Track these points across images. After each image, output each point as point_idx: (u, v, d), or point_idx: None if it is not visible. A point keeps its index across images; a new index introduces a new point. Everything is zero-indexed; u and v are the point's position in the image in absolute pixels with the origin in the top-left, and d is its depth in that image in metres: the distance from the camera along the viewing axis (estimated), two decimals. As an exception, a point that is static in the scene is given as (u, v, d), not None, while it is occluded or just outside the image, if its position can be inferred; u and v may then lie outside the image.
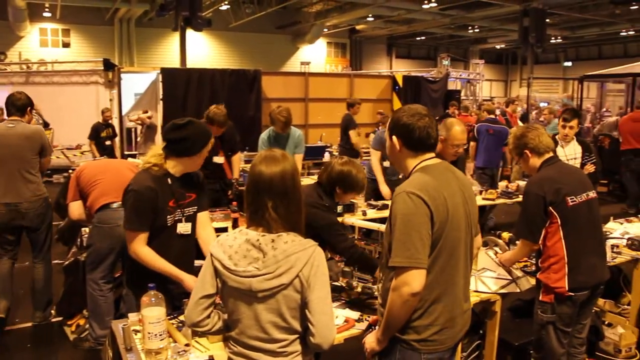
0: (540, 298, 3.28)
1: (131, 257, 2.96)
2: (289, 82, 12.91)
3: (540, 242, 3.27)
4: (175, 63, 18.91)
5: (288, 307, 2.00)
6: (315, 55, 27.93)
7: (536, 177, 3.37)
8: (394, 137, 2.39)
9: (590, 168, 4.89)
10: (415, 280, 2.15)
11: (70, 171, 6.66)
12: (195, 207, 3.11)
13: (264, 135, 5.98)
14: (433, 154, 2.40)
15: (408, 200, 2.19)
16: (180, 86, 11.19)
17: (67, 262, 4.81)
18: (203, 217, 3.19)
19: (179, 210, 3.01)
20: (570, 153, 5.47)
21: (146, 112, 11.19)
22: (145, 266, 2.90)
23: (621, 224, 5.27)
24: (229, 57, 25.50)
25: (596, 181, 4.92)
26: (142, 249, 2.90)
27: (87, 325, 4.42)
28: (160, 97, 11.14)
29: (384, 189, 6.03)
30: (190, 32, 16.39)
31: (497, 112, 10.47)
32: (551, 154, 3.42)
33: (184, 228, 3.04)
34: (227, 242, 2.07)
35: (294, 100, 12.47)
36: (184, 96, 11.19)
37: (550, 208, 3.19)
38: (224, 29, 23.90)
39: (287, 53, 27.35)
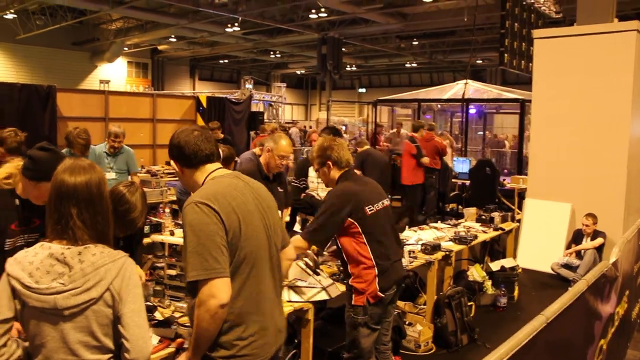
0: (353, 302, 3.41)
1: None
2: (88, 100, 12.08)
3: (351, 251, 3.42)
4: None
5: (99, 323, 1.87)
6: (115, 74, 26.67)
7: (337, 188, 3.53)
8: (172, 162, 2.40)
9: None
10: (220, 290, 2.08)
11: None
12: (37, 235, 2.78)
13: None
14: (218, 165, 2.39)
15: (197, 210, 2.14)
16: (-42, 101, 9.98)
17: None
18: None
19: (21, 235, 2.69)
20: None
21: None
22: None
23: (415, 231, 5.77)
24: (17, 72, 23.18)
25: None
26: None
27: None
28: None
29: None
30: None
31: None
32: (348, 168, 3.62)
33: None
34: (26, 259, 1.87)
35: (93, 120, 11.70)
36: (-36, 112, 9.99)
37: (350, 218, 3.37)
38: (10, 41, 21.88)
39: (84, 71, 25.71)
